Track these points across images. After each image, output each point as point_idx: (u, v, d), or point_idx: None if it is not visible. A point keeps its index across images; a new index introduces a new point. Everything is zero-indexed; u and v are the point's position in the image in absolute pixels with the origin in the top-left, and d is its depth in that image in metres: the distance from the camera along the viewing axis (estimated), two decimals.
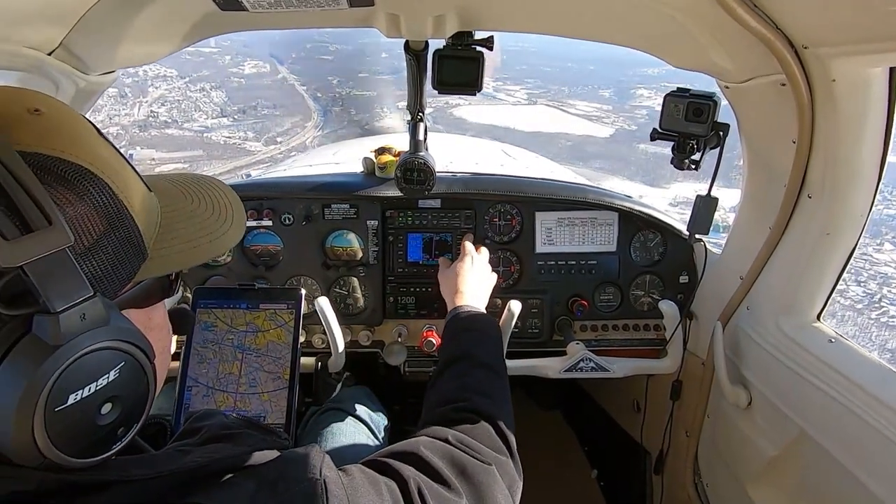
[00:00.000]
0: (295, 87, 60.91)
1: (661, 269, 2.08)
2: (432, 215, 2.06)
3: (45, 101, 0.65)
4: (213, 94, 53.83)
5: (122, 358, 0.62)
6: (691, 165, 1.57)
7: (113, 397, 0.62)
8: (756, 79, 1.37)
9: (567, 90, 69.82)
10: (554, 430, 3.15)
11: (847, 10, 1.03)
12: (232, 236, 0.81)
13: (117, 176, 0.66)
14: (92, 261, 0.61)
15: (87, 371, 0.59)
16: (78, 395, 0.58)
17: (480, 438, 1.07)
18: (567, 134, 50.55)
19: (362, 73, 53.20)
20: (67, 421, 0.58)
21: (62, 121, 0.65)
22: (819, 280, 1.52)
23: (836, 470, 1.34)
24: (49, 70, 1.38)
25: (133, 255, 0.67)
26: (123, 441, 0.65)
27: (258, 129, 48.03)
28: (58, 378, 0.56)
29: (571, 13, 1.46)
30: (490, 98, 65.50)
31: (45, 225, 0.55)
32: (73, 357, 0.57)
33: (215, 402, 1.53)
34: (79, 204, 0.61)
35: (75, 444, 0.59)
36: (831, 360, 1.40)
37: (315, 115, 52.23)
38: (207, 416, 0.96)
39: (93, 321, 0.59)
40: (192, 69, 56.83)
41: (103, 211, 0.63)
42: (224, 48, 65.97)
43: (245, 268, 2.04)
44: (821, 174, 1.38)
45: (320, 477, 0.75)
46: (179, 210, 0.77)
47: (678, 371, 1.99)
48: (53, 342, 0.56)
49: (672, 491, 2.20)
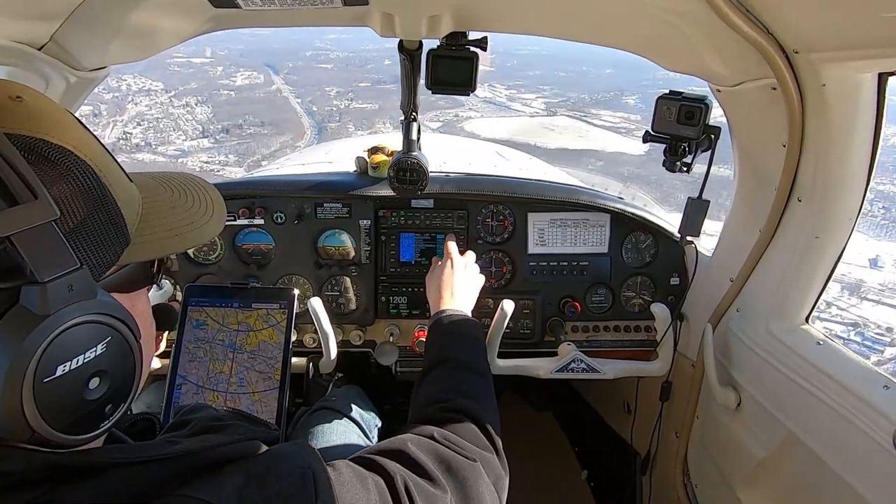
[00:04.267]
0: (289, 101, 57.68)
1: (652, 270, 2.09)
2: (425, 215, 2.06)
3: (25, 91, 0.66)
4: (198, 109, 50.75)
5: (109, 332, 0.63)
6: (683, 168, 1.58)
7: (100, 372, 0.63)
8: (747, 83, 1.38)
9: (588, 97, 65.81)
10: (545, 431, 3.16)
11: (838, 17, 1.04)
12: (212, 227, 0.83)
13: (100, 160, 0.68)
14: (77, 240, 0.62)
15: (75, 342, 0.60)
16: (66, 367, 0.59)
17: (465, 436, 1.09)
18: (596, 151, 45.79)
19: (363, 83, 50.81)
20: (56, 393, 0.58)
21: (44, 107, 0.67)
22: (808, 283, 1.54)
23: (825, 472, 1.35)
24: (39, 65, 1.37)
25: (116, 238, 0.68)
26: (111, 419, 0.66)
27: (241, 152, 44.40)
28: (46, 348, 0.57)
29: (565, 15, 1.46)
30: (504, 109, 61.47)
31: (31, 199, 0.56)
32: (60, 327, 0.58)
33: (205, 401, 1.52)
34: (63, 183, 0.62)
35: (64, 418, 0.60)
36: (819, 363, 1.42)
37: (308, 133, 48.74)
38: (197, 409, 0.96)
39: (80, 293, 0.60)
40: (179, 81, 53.85)
41: (87, 192, 0.64)
42: (218, 58, 62.55)
43: (236, 266, 2.03)
44: (811, 178, 1.39)
45: (308, 471, 0.76)
46: (161, 200, 0.79)
47: (668, 372, 2.00)
48: (41, 312, 0.56)
49: (661, 492, 2.21)
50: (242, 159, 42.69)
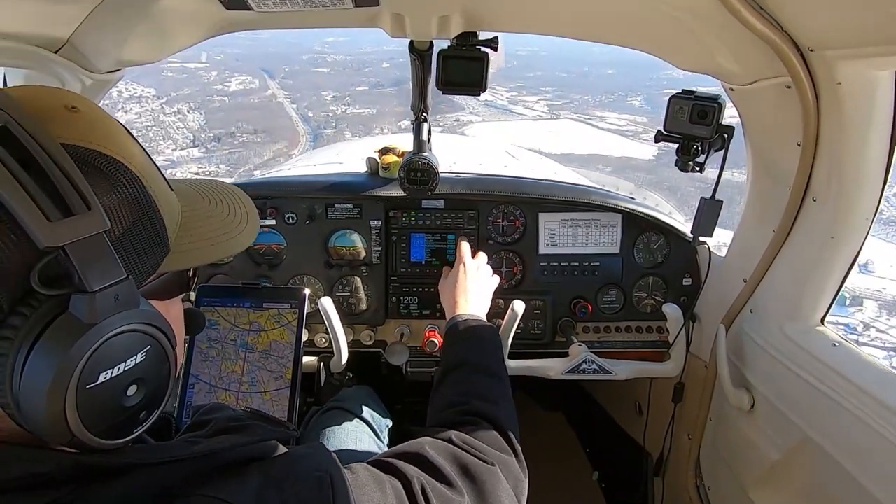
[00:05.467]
0: (284, 106, 56.04)
1: (664, 271, 2.08)
2: (435, 215, 2.06)
3: (80, 100, 0.68)
4: (190, 116, 49.23)
5: (149, 341, 0.65)
6: (695, 168, 1.57)
7: (139, 379, 0.64)
8: (761, 81, 1.36)
9: (591, 99, 64.35)
10: (555, 432, 3.15)
11: (853, 13, 1.02)
12: (247, 236, 0.84)
13: (146, 171, 0.69)
14: (123, 249, 0.64)
15: (118, 351, 0.61)
16: (108, 375, 0.60)
17: (483, 439, 1.09)
18: (603, 156, 43.68)
19: (361, 87, 49.43)
20: (97, 400, 0.60)
21: (96, 118, 0.68)
22: (823, 284, 1.52)
23: (840, 475, 1.33)
24: (55, 68, 1.39)
25: (158, 248, 0.69)
26: (144, 425, 0.68)
27: (233, 161, 42.96)
28: (91, 355, 0.58)
29: (576, 14, 1.46)
30: (506, 112, 60.10)
31: (85, 210, 0.57)
32: (106, 336, 0.59)
33: (217, 400, 1.53)
34: (113, 194, 0.64)
35: (102, 424, 0.61)
36: (835, 364, 1.40)
37: (303, 140, 46.91)
38: (216, 410, 0.97)
39: (125, 303, 0.61)
40: (172, 87, 52.73)
41: (134, 202, 0.66)
42: (214, 63, 61.43)
43: (248, 267, 2.04)
44: (826, 177, 1.38)
45: (326, 475, 0.76)
46: (198, 210, 0.80)
47: (681, 374, 1.98)
48: (89, 320, 0.58)
49: (673, 493, 2.20)
50: (234, 169, 41.72)
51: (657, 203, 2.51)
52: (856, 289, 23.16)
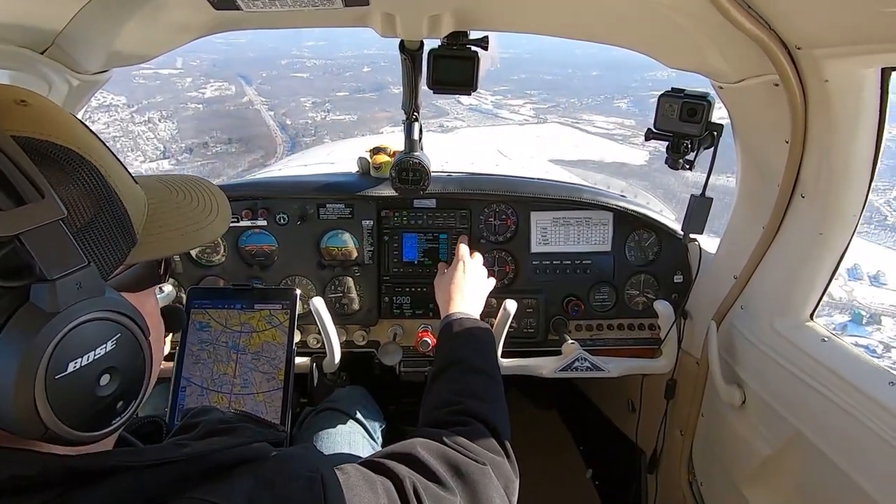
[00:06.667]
0: (261, 114, 53.55)
1: (655, 268, 2.09)
2: (427, 215, 2.06)
3: (30, 95, 0.67)
4: (161, 126, 47.08)
5: (119, 329, 0.64)
6: (685, 165, 1.58)
7: (111, 368, 0.63)
8: (750, 79, 1.37)
9: (578, 102, 63.39)
10: (549, 430, 3.16)
11: (840, 12, 1.03)
12: (217, 227, 0.83)
13: (105, 161, 0.68)
14: (84, 239, 0.63)
15: (85, 339, 0.60)
16: (77, 364, 0.60)
17: (475, 439, 1.09)
18: (594, 162, 41.94)
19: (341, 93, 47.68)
20: (68, 390, 0.59)
21: (48, 110, 0.67)
22: (812, 279, 1.53)
23: (831, 469, 1.35)
24: (42, 69, 1.37)
25: (123, 238, 0.68)
26: (123, 416, 0.67)
27: (206, 173, 39.61)
28: (56, 344, 0.58)
29: (567, 13, 1.46)
30: (491, 116, 58.71)
31: (38, 198, 0.57)
32: (70, 324, 0.59)
33: (209, 403, 1.52)
34: (69, 184, 0.63)
35: (76, 415, 0.61)
36: (824, 359, 1.41)
37: (280, 149, 44.22)
38: (204, 412, 0.96)
39: (88, 290, 0.61)
40: (144, 95, 50.84)
41: (93, 192, 0.65)
42: (189, 69, 59.42)
43: (239, 268, 2.03)
44: (814, 174, 1.39)
45: (317, 475, 0.76)
46: (166, 201, 0.79)
47: (673, 370, 1.99)
48: (50, 309, 0.57)
49: (666, 490, 2.21)
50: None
51: (648, 201, 2.53)
52: (871, 305, 22.80)
